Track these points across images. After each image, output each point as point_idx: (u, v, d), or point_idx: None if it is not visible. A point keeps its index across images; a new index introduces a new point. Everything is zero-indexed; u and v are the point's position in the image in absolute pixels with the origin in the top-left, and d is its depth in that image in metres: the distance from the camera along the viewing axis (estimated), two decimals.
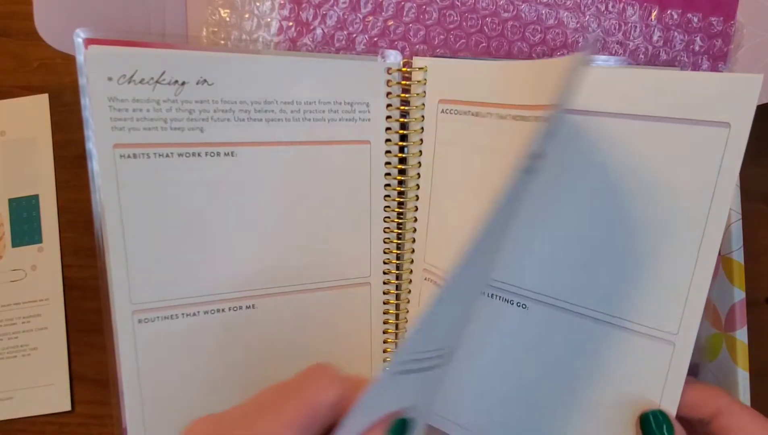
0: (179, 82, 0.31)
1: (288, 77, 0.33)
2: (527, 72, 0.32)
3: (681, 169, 0.29)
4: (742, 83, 0.27)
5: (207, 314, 0.34)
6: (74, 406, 0.42)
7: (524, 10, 0.38)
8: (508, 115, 0.32)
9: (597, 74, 0.31)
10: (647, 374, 0.31)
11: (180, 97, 0.31)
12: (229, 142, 0.33)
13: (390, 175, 0.37)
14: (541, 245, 0.33)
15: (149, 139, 0.31)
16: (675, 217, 0.29)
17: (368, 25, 0.38)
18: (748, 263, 0.38)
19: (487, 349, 0.35)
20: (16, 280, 0.41)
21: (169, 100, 0.31)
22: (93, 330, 0.42)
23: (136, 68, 0.30)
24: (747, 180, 0.38)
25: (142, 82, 0.30)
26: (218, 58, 0.32)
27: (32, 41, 0.40)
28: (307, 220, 0.35)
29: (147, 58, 0.30)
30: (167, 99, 0.31)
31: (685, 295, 0.29)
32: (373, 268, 0.38)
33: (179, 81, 0.31)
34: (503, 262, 0.34)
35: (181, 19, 0.38)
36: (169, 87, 0.31)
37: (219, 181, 0.33)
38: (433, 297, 0.22)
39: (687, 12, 0.38)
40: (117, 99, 0.30)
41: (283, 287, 0.35)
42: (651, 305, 0.30)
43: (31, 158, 0.41)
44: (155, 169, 0.32)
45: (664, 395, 0.30)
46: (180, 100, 0.31)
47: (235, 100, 0.32)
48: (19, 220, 0.41)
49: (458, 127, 0.35)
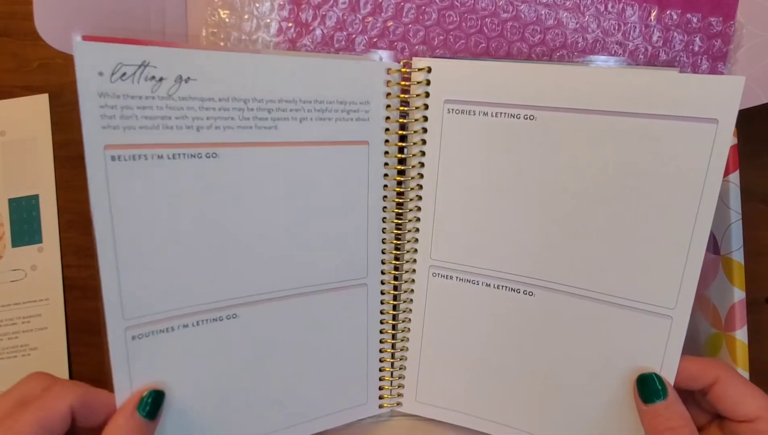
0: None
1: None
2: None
3: (676, 158, 0.32)
4: (727, 84, 0.31)
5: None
6: None
7: (524, 11, 0.38)
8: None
9: (597, 74, 0.33)
10: (647, 348, 0.34)
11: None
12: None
13: (388, 175, 0.37)
14: (546, 234, 0.35)
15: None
16: (671, 200, 0.32)
17: (368, 26, 0.38)
18: (748, 263, 0.38)
19: (498, 338, 0.37)
20: (16, 280, 0.41)
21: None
22: (93, 330, 0.42)
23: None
24: (747, 180, 0.38)
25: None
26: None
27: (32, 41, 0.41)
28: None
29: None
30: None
31: (681, 270, 0.33)
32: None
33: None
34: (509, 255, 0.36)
35: (181, 21, 0.38)
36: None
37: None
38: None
39: (686, 12, 0.38)
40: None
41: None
42: (650, 283, 0.33)
43: (31, 158, 0.41)
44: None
45: (663, 366, 0.34)
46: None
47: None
48: (19, 220, 0.41)
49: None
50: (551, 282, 0.35)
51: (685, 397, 0.33)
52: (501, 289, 0.37)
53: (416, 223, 0.37)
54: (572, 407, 0.36)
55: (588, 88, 0.33)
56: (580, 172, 0.34)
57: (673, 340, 0.33)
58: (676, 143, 0.32)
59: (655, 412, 0.32)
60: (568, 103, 0.33)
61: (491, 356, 0.38)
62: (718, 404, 0.32)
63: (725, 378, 0.32)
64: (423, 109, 0.36)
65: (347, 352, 0.38)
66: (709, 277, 0.39)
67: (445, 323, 0.38)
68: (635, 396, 0.33)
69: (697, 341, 0.40)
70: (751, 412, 0.31)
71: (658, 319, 0.33)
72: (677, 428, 0.31)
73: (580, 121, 0.33)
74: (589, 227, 0.34)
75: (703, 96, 0.31)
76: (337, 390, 0.38)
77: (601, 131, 0.33)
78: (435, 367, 0.39)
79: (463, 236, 0.37)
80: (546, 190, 0.35)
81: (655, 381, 0.33)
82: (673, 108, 0.31)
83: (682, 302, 0.33)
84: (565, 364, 0.36)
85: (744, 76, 0.30)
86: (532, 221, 0.35)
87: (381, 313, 0.39)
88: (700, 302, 0.39)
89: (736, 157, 0.37)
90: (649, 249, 0.33)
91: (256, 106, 0.32)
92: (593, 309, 0.35)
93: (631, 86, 0.32)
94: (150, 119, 0.29)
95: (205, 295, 0.33)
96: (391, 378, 0.40)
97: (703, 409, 0.34)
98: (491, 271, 0.37)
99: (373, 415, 0.40)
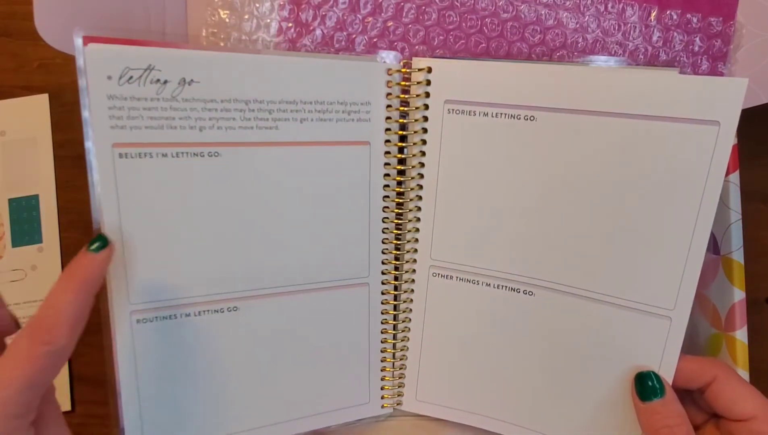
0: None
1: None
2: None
3: (677, 160, 0.32)
4: (730, 86, 0.31)
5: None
6: (74, 406, 0.42)
7: (523, 11, 0.38)
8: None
9: (597, 75, 0.33)
10: (646, 348, 0.34)
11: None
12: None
13: (389, 175, 0.37)
14: (546, 235, 0.35)
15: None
16: (671, 203, 0.32)
17: (368, 26, 0.38)
18: (748, 263, 0.38)
19: (497, 337, 0.38)
20: (16, 280, 0.41)
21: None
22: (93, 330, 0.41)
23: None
24: (747, 180, 0.38)
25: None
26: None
27: (32, 41, 0.41)
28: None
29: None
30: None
31: (681, 272, 0.33)
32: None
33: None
34: (510, 255, 0.36)
35: (181, 21, 0.38)
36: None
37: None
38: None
39: (686, 12, 0.38)
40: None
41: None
42: (650, 284, 0.34)
43: (31, 158, 0.41)
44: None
45: (662, 366, 0.34)
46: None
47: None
48: (19, 220, 0.41)
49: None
50: (551, 282, 0.36)
51: (682, 396, 0.33)
52: (501, 289, 0.37)
53: (416, 223, 0.38)
54: (571, 405, 0.36)
55: (589, 90, 0.33)
56: (580, 173, 0.34)
57: (671, 341, 0.33)
58: (677, 145, 0.32)
59: (652, 410, 0.32)
60: (569, 105, 0.33)
61: (491, 355, 0.38)
62: (714, 403, 0.32)
63: (723, 377, 0.32)
64: (423, 109, 0.36)
65: (348, 350, 0.38)
66: (709, 277, 0.39)
67: (445, 323, 0.38)
68: (633, 394, 0.34)
69: (697, 341, 0.40)
70: (746, 411, 0.31)
71: (657, 319, 0.33)
72: (673, 426, 0.31)
73: (580, 122, 0.33)
74: (589, 228, 0.34)
75: (704, 98, 0.31)
76: (338, 387, 0.38)
77: (602, 132, 0.33)
78: (435, 366, 0.39)
79: (463, 236, 0.37)
80: (546, 191, 0.35)
81: (653, 379, 0.33)
82: (675, 110, 0.31)
83: (681, 303, 0.33)
84: (564, 363, 0.36)
85: (747, 79, 0.30)
86: (532, 221, 0.35)
87: (382, 313, 0.39)
88: (700, 302, 0.40)
89: (736, 157, 0.37)
90: (648, 250, 0.33)
91: (257, 107, 0.33)
92: (592, 309, 0.35)
93: (633, 88, 0.32)
94: (155, 119, 0.31)
95: (207, 287, 0.34)
96: (392, 377, 0.40)
97: (701, 408, 0.34)
98: (491, 271, 0.37)
99: (375, 414, 0.40)
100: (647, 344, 0.34)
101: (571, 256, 0.35)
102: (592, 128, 0.33)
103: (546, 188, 0.35)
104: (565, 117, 0.33)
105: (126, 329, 0.32)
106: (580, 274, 0.35)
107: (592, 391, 0.36)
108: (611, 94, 0.32)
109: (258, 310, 0.35)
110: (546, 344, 0.36)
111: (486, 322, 0.38)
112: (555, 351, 0.36)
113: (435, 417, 0.40)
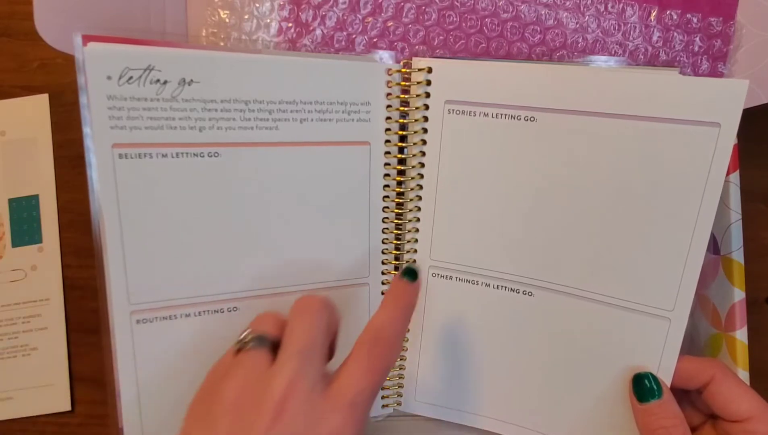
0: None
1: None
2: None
3: (677, 162, 0.32)
4: (731, 88, 0.30)
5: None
6: (74, 406, 0.42)
7: (524, 11, 0.38)
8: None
9: (597, 76, 0.33)
10: (644, 349, 0.34)
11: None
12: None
13: (389, 175, 0.37)
14: (545, 235, 0.35)
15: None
16: (671, 204, 0.32)
17: (368, 26, 0.38)
18: (748, 263, 0.38)
19: (497, 338, 0.38)
20: (16, 280, 0.41)
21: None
22: (93, 330, 0.42)
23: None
24: (747, 180, 0.38)
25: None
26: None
27: (32, 41, 0.41)
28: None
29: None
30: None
31: (680, 274, 0.33)
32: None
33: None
34: (509, 255, 0.36)
35: (181, 21, 0.38)
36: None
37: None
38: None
39: (686, 12, 0.38)
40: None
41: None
42: (649, 285, 0.34)
43: (31, 158, 0.41)
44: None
45: (660, 367, 0.34)
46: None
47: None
48: (19, 220, 0.41)
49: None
50: (551, 282, 0.36)
51: (680, 397, 0.33)
52: (500, 289, 0.37)
53: (416, 224, 0.38)
54: (570, 405, 0.36)
55: (589, 90, 0.33)
56: (580, 174, 0.34)
57: (670, 342, 0.33)
58: (678, 147, 0.32)
59: (649, 411, 0.32)
60: (569, 105, 0.33)
61: (490, 356, 0.38)
62: (711, 403, 0.32)
63: (720, 377, 0.32)
64: (423, 109, 0.36)
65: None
66: (709, 277, 0.39)
67: (444, 323, 0.38)
68: (630, 395, 0.34)
69: (697, 341, 0.40)
70: (743, 411, 0.31)
71: (657, 320, 0.34)
72: (670, 427, 0.31)
73: (580, 123, 0.33)
74: (589, 228, 0.34)
75: (705, 99, 0.31)
76: None
77: (602, 133, 0.33)
78: (434, 367, 0.39)
79: (463, 236, 0.37)
80: (546, 192, 0.35)
81: (651, 380, 0.33)
82: (675, 111, 0.31)
83: (680, 304, 0.33)
84: (563, 363, 0.36)
85: (748, 80, 0.30)
86: (531, 222, 0.35)
87: None
88: (701, 302, 0.40)
89: (736, 157, 0.37)
90: (647, 251, 0.33)
91: (257, 108, 0.33)
92: (592, 310, 0.35)
93: (633, 88, 0.32)
94: (155, 120, 0.31)
95: (207, 287, 0.34)
96: (392, 378, 0.40)
97: (698, 409, 0.34)
98: (490, 272, 0.37)
99: (374, 415, 0.40)
100: (646, 345, 0.34)
101: (570, 256, 0.35)
102: (592, 129, 0.33)
103: (546, 189, 0.35)
104: (565, 117, 0.33)
105: (126, 329, 0.32)
106: (579, 274, 0.35)
107: (591, 392, 0.36)
108: (612, 95, 0.32)
109: (258, 310, 0.35)
110: (545, 345, 0.36)
111: (485, 323, 0.38)
112: (554, 351, 0.36)
113: (434, 417, 0.40)
